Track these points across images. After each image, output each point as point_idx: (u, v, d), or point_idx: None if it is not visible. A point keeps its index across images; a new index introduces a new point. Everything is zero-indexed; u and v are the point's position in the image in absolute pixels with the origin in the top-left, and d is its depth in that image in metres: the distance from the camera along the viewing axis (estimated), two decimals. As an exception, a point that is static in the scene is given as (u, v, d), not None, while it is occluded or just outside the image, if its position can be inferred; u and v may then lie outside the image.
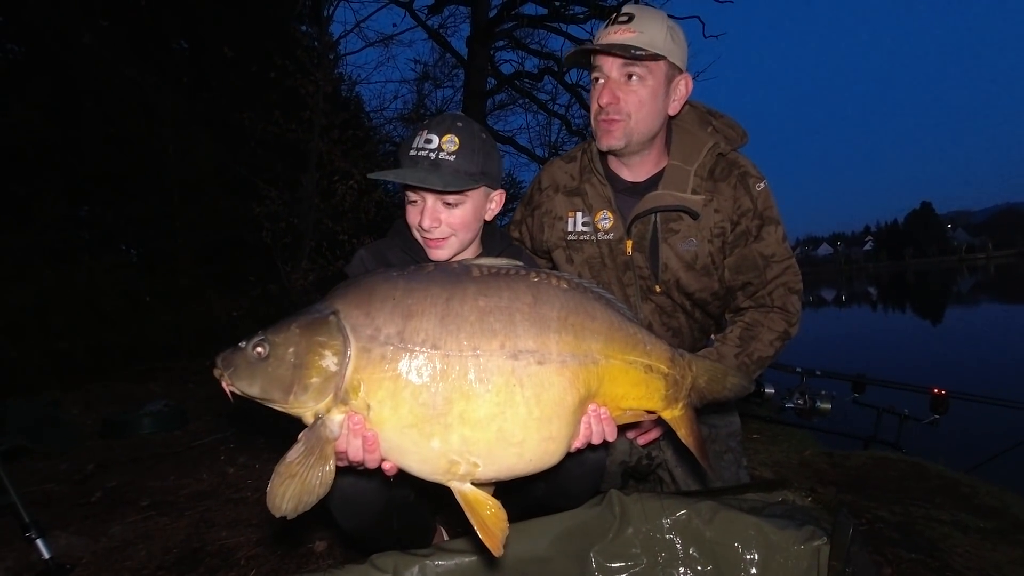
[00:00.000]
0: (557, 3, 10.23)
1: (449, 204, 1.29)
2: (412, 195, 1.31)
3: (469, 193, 1.29)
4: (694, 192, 1.54)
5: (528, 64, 11.36)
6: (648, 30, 1.45)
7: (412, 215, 1.33)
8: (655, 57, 1.45)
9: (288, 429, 0.98)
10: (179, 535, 2.10)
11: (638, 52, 1.42)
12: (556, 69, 10.92)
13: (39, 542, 1.83)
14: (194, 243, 7.37)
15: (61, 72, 6.68)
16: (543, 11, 10.36)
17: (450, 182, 1.23)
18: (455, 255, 1.35)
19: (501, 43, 10.83)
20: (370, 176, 1.31)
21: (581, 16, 10.25)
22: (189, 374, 5.54)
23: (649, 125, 1.51)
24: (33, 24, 6.53)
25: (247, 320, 6.34)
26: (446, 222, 1.29)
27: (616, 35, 1.46)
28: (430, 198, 1.29)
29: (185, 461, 3.08)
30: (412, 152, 1.26)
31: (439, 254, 1.33)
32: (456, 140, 1.25)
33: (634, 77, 1.47)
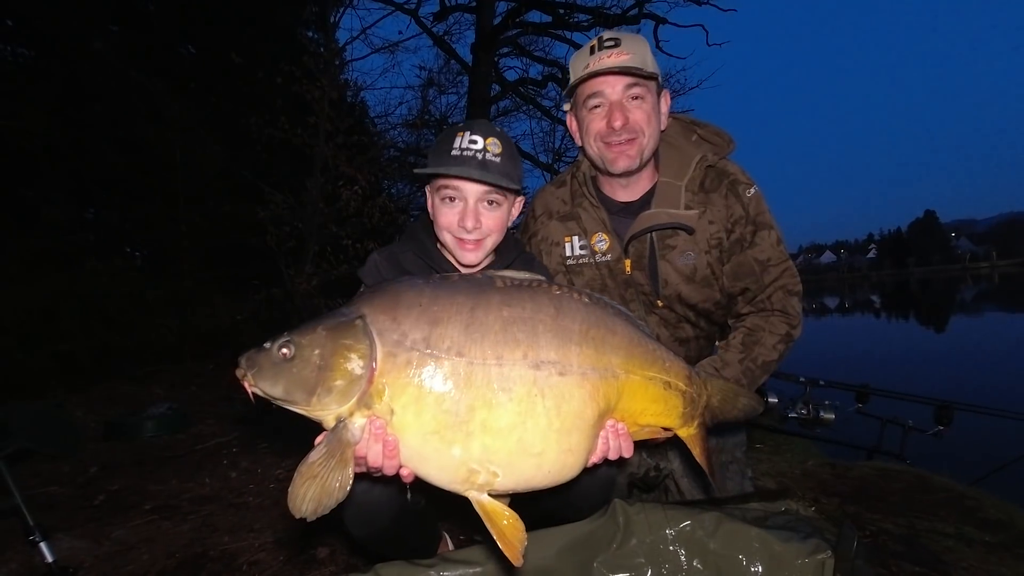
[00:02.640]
0: (561, 11, 10.31)
1: (492, 204, 1.30)
2: (452, 192, 1.29)
3: (508, 196, 1.31)
4: (687, 207, 1.56)
5: (532, 71, 11.46)
6: (637, 51, 1.48)
7: (449, 215, 1.31)
8: (652, 76, 1.49)
9: (291, 435, 0.98)
10: (181, 540, 2.10)
11: (647, 72, 1.46)
12: (560, 76, 10.97)
13: (42, 545, 1.84)
14: (199, 247, 7.40)
15: (70, 76, 6.74)
16: (547, 18, 10.44)
17: (510, 181, 1.26)
18: (482, 260, 1.36)
19: (505, 50, 10.90)
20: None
21: (585, 24, 10.32)
22: (192, 377, 5.55)
23: (656, 141, 1.54)
24: (44, 29, 6.60)
25: (251, 324, 6.34)
26: (485, 224, 1.30)
27: (611, 59, 1.47)
28: (472, 198, 1.28)
29: (188, 465, 3.09)
30: (456, 152, 1.25)
31: (470, 257, 1.33)
32: (499, 144, 1.27)
33: (637, 98, 1.49)
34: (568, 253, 1.68)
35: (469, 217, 1.28)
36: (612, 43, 1.48)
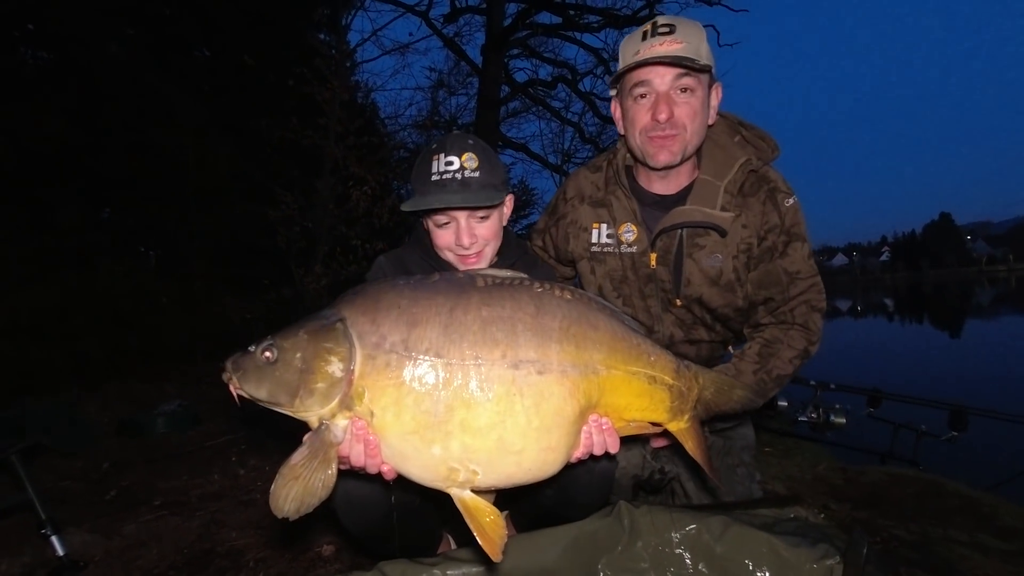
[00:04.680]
0: (571, 12, 10.30)
1: (482, 218, 1.32)
2: (443, 218, 1.32)
3: (496, 204, 1.32)
4: (723, 209, 1.51)
5: (542, 72, 11.47)
6: (692, 40, 1.39)
7: (444, 237, 1.34)
8: (705, 68, 1.41)
9: (298, 432, 0.99)
10: (190, 535, 2.12)
11: (702, 63, 1.38)
12: (569, 77, 10.98)
13: (54, 539, 1.87)
14: (210, 247, 7.50)
15: (86, 79, 6.86)
16: (557, 20, 10.44)
17: (491, 196, 1.27)
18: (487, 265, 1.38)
19: (515, 51, 10.92)
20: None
21: (595, 25, 10.30)
22: (202, 376, 5.62)
23: (700, 137, 1.49)
24: (61, 32, 6.74)
25: (261, 323, 6.41)
26: (481, 235, 1.33)
27: (663, 47, 1.40)
28: (463, 217, 1.31)
29: (197, 462, 3.12)
30: (435, 177, 1.28)
31: (477, 267, 1.35)
32: (475, 157, 1.29)
33: (686, 90, 1.42)
34: (594, 240, 1.65)
35: (464, 235, 1.31)
36: (666, 29, 1.41)
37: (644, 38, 1.44)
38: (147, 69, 7.06)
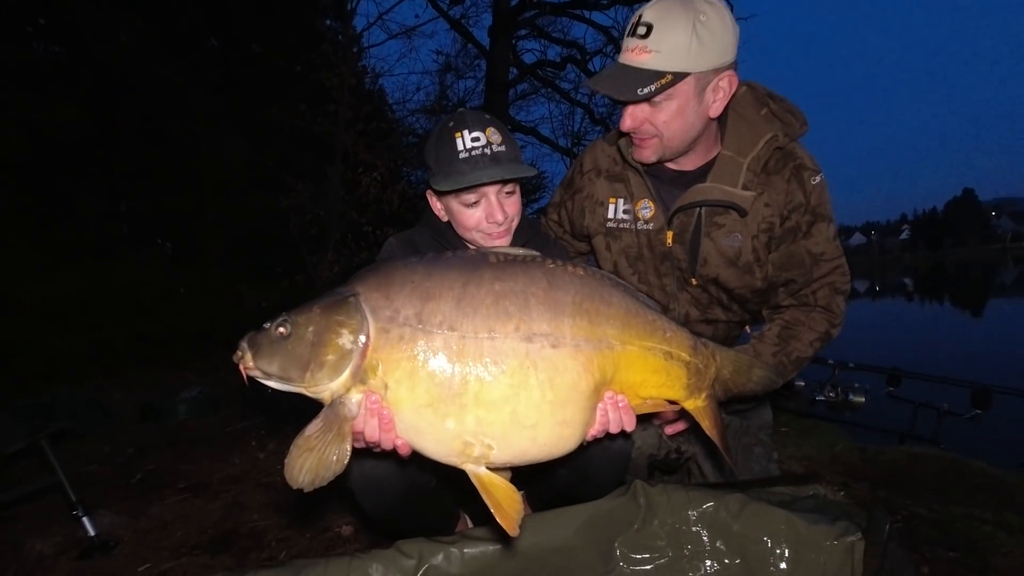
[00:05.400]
0: (580, -11, 10.07)
1: (510, 193, 1.31)
2: (472, 196, 1.28)
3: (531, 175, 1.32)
4: (745, 187, 1.45)
5: (551, 53, 11.25)
6: (667, 44, 1.28)
7: (473, 217, 1.30)
8: (673, 81, 1.29)
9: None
10: (213, 517, 2.18)
11: (644, 91, 1.29)
12: (579, 58, 10.77)
13: (85, 520, 1.93)
14: (224, 236, 7.60)
15: (100, 71, 6.91)
16: (566, -2, 10.21)
17: (524, 168, 1.27)
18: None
19: (523, 32, 10.72)
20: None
21: (605, 2, 10.05)
22: (220, 363, 5.72)
23: (683, 136, 1.41)
24: (74, 25, 6.77)
25: (275, 311, 6.49)
26: (510, 211, 1.32)
27: (631, 55, 1.32)
28: (493, 193, 1.29)
29: (218, 446, 3.19)
30: (464, 154, 1.24)
31: (504, 242, 1.34)
32: (497, 131, 1.27)
33: (656, 103, 1.35)
34: (610, 215, 1.62)
35: (497, 212, 1.29)
36: (643, 30, 1.31)
37: (626, 35, 1.36)
38: (158, 60, 7.08)
